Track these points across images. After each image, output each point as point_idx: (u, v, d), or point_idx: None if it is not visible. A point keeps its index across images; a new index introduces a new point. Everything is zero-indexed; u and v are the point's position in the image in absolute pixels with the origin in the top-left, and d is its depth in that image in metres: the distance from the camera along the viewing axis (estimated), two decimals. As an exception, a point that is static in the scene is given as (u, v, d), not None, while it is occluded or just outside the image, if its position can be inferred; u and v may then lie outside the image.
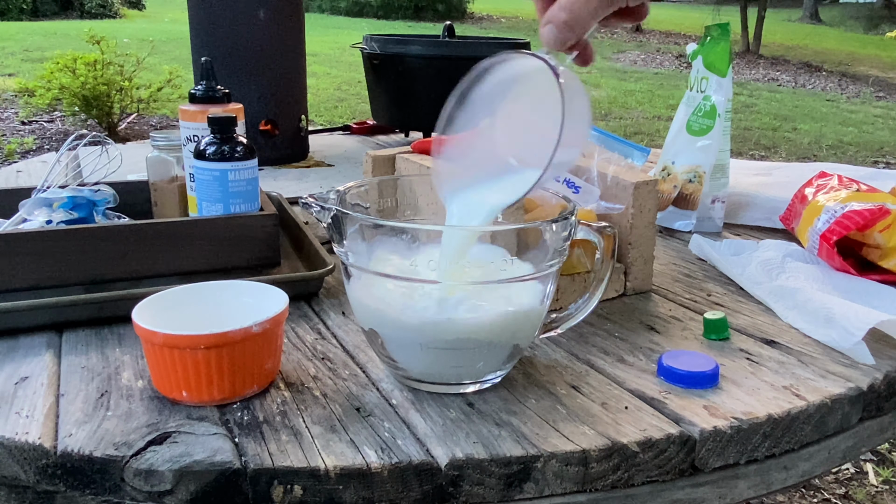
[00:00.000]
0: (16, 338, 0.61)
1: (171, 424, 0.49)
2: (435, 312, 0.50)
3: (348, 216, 0.51)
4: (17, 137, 4.68)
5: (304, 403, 0.52)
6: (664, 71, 9.38)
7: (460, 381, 0.54)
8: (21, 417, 0.49)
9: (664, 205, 0.97)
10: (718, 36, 0.95)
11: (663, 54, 10.80)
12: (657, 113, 6.53)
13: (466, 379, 0.53)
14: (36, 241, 0.70)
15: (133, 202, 0.89)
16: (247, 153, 0.77)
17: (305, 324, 0.66)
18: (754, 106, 7.15)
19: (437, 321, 0.50)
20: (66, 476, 0.46)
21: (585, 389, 0.55)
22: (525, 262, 0.53)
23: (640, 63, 10.05)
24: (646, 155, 0.72)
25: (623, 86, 7.92)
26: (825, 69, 10.07)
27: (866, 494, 1.76)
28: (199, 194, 0.78)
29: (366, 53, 1.49)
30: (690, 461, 0.50)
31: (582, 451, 0.47)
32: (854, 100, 8.02)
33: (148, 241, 0.73)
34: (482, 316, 0.50)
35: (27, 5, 11.88)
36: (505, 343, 0.52)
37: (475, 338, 0.51)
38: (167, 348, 0.50)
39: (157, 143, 0.88)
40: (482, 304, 0.51)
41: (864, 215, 0.77)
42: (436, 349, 0.51)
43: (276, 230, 0.78)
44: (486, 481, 0.46)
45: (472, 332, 0.50)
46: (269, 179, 1.21)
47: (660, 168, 1.01)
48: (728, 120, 0.96)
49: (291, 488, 0.45)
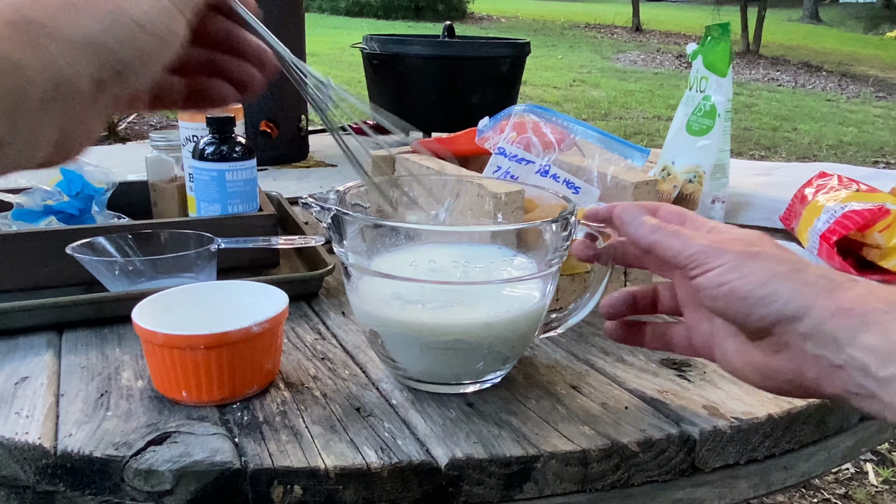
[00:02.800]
0: (16, 338, 0.61)
1: (171, 424, 0.49)
2: (435, 313, 0.50)
3: (348, 216, 0.51)
4: (17, 137, 4.68)
5: (304, 403, 0.52)
6: (664, 71, 9.38)
7: (460, 381, 0.54)
8: (21, 417, 0.49)
9: (664, 205, 0.97)
10: (719, 36, 0.95)
11: (663, 54, 10.80)
12: (657, 113, 6.53)
13: (466, 379, 0.53)
14: (36, 241, 0.70)
15: (132, 202, 0.89)
16: (245, 153, 0.77)
17: (305, 324, 0.66)
18: (754, 106, 7.15)
19: (436, 321, 0.50)
20: (66, 476, 0.46)
21: (585, 389, 0.55)
22: (525, 262, 0.53)
23: (640, 63, 10.05)
24: (645, 156, 0.72)
25: (623, 86, 7.92)
26: (825, 69, 10.07)
27: (866, 494, 1.76)
28: (198, 194, 0.78)
29: (366, 53, 1.49)
30: (690, 461, 0.50)
31: (582, 451, 0.47)
32: (854, 100, 8.02)
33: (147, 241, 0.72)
34: (482, 316, 0.50)
35: (27, 5, 11.86)
36: (505, 343, 0.52)
37: (475, 338, 0.51)
38: (167, 348, 0.50)
39: (157, 143, 0.88)
40: (482, 304, 0.51)
41: (864, 215, 0.77)
42: (435, 349, 0.51)
43: (274, 230, 0.78)
44: (486, 481, 0.46)
45: (471, 333, 0.50)
46: (269, 179, 1.21)
47: (660, 168, 1.01)
48: (728, 120, 0.96)
49: (291, 488, 0.45)
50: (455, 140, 0.86)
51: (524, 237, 0.53)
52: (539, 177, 0.71)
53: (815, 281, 0.42)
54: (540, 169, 0.72)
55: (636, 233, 0.48)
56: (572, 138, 0.74)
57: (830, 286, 0.41)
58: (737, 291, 0.43)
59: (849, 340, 0.39)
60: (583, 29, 14.12)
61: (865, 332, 0.39)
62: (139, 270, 0.67)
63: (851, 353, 0.39)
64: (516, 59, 1.52)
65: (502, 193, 0.61)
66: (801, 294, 0.41)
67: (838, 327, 0.40)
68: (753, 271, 0.43)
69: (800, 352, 0.42)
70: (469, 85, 1.48)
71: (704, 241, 0.45)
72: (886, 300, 0.40)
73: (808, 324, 0.41)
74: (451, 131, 0.93)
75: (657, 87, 7.96)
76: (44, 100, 0.31)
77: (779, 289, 0.42)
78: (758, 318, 0.43)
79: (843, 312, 0.40)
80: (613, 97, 7.23)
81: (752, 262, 0.43)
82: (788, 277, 0.42)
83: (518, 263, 0.53)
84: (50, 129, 0.32)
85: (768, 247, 0.44)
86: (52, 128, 0.32)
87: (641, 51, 11.14)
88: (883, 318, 0.39)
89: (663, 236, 0.47)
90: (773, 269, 0.42)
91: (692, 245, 0.45)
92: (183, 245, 0.70)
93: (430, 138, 0.88)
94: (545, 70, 8.60)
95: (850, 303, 0.40)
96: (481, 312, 0.50)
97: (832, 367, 0.40)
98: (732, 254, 0.43)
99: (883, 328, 0.39)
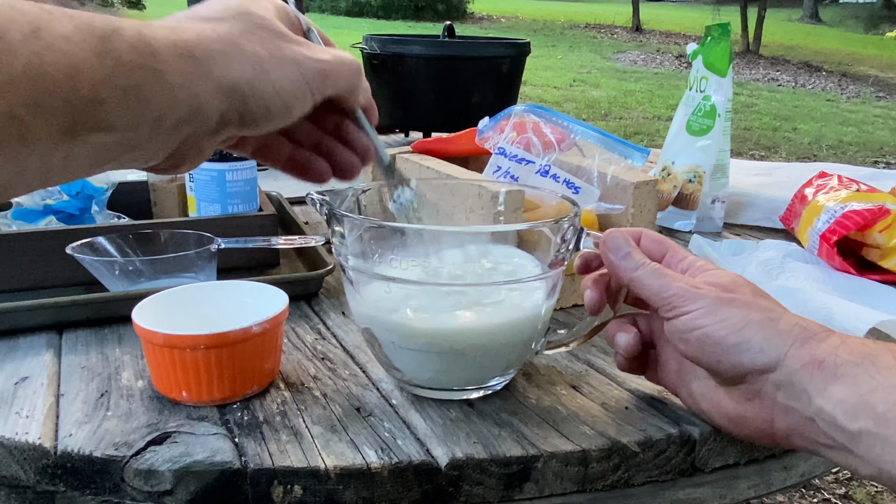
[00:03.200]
0: (16, 338, 0.61)
1: (171, 424, 0.49)
2: (435, 316, 0.50)
3: (348, 217, 0.50)
4: (17, 137, 4.67)
5: (304, 403, 0.52)
6: (664, 71, 9.38)
7: (463, 388, 0.53)
8: (21, 417, 0.49)
9: (664, 205, 0.97)
10: (719, 36, 0.95)
11: (663, 54, 10.80)
12: (657, 113, 6.53)
13: (469, 385, 0.53)
14: (36, 241, 0.70)
15: (132, 202, 0.89)
16: (246, 153, 0.77)
17: (305, 324, 0.66)
18: (754, 106, 7.15)
19: (439, 326, 0.50)
20: (66, 476, 0.46)
21: (585, 389, 0.55)
22: (528, 265, 0.52)
23: (640, 63, 10.05)
24: (645, 156, 0.72)
25: (623, 86, 7.93)
26: (825, 69, 10.07)
27: (866, 494, 1.76)
28: (198, 194, 0.78)
29: (366, 53, 1.49)
30: (690, 461, 0.50)
31: (582, 451, 0.47)
32: (854, 100, 8.03)
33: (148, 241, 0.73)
34: (485, 320, 0.50)
35: (27, 5, 11.87)
36: (509, 348, 0.52)
37: (478, 343, 0.50)
38: (167, 348, 0.50)
39: (157, 143, 0.88)
40: (484, 308, 0.50)
41: (864, 215, 0.77)
42: (438, 353, 0.50)
43: (274, 230, 0.78)
44: (486, 481, 0.46)
45: (474, 337, 0.50)
46: (269, 179, 1.21)
47: (660, 168, 1.01)
48: (728, 120, 0.96)
49: (291, 488, 0.45)
50: (455, 140, 0.86)
51: (527, 239, 0.53)
52: (539, 177, 0.71)
53: (788, 330, 0.42)
54: (540, 169, 0.72)
55: (618, 265, 0.48)
56: (572, 138, 0.74)
57: (804, 336, 0.41)
58: (710, 337, 0.43)
59: (819, 392, 0.39)
60: (583, 29, 14.13)
61: (835, 384, 0.39)
62: (139, 270, 0.67)
63: (821, 404, 0.39)
64: (516, 59, 1.52)
65: (502, 193, 0.61)
66: (774, 344, 0.41)
67: (810, 379, 0.40)
68: (727, 317, 0.42)
69: (771, 401, 0.42)
70: (469, 85, 1.48)
71: (681, 283, 0.45)
72: (859, 352, 0.40)
73: (780, 374, 0.41)
74: (451, 131, 0.93)
75: (657, 87, 7.96)
76: (179, 120, 0.36)
77: (752, 337, 0.42)
78: (730, 366, 0.43)
79: (814, 364, 0.40)
80: (613, 97, 7.23)
81: (727, 308, 0.43)
82: (763, 325, 0.42)
83: (521, 266, 0.52)
84: (173, 144, 0.38)
85: (745, 292, 0.44)
86: (175, 144, 0.38)
87: (641, 51, 11.14)
88: (854, 370, 0.39)
89: (644, 274, 0.47)
90: (747, 317, 0.42)
91: (670, 287, 0.45)
92: (183, 245, 0.70)
93: (430, 138, 0.88)
94: (545, 70, 8.60)
95: (822, 354, 0.40)
96: (484, 317, 0.50)
97: (803, 419, 0.40)
98: (708, 299, 0.43)
99: (853, 381, 0.39)
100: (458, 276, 0.50)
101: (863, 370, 0.39)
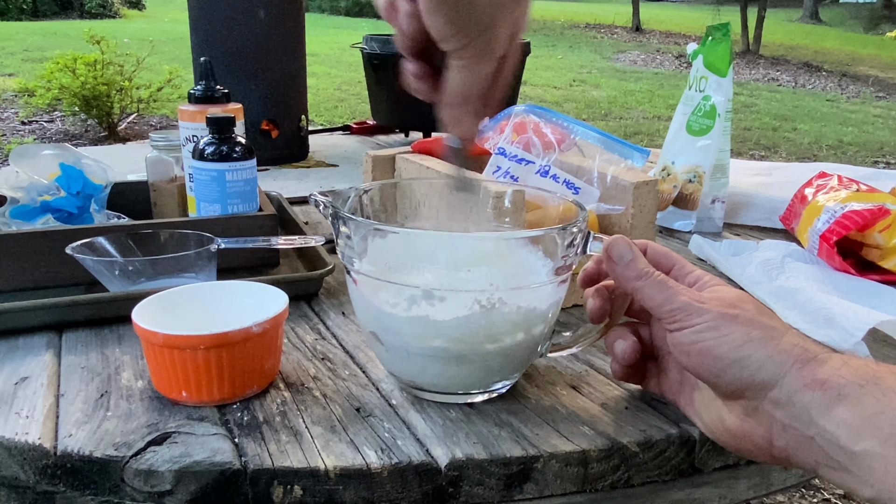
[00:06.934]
0: (16, 338, 0.61)
1: (171, 425, 0.49)
2: (444, 321, 0.49)
3: (351, 219, 0.50)
4: (16, 137, 4.68)
5: (304, 404, 0.52)
6: (664, 71, 9.38)
7: (468, 391, 0.52)
8: (21, 418, 0.49)
9: (664, 205, 0.97)
10: (719, 36, 0.95)
11: (663, 54, 10.80)
12: (657, 113, 6.53)
13: (473, 389, 0.52)
14: (36, 241, 0.70)
15: (132, 202, 0.89)
16: (245, 153, 0.77)
17: (305, 324, 0.66)
18: (754, 106, 7.15)
19: (445, 330, 0.49)
20: (66, 476, 0.46)
21: (585, 389, 0.55)
22: (538, 270, 0.51)
23: (640, 63, 10.05)
24: (645, 156, 0.72)
25: (623, 86, 7.92)
26: (825, 69, 10.07)
27: (866, 494, 1.76)
28: (198, 194, 0.78)
29: (366, 53, 1.49)
30: (690, 461, 0.50)
31: (582, 451, 0.47)
32: (854, 100, 8.02)
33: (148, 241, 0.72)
34: (492, 325, 0.49)
35: (27, 5, 11.87)
36: (515, 352, 0.51)
37: (485, 347, 0.50)
38: (167, 348, 0.50)
39: (157, 143, 0.88)
40: (492, 312, 0.49)
41: (864, 215, 0.77)
42: (444, 358, 0.50)
43: (274, 230, 0.78)
44: (486, 482, 0.46)
45: (481, 342, 0.49)
46: (269, 179, 1.21)
47: (660, 168, 1.01)
48: (728, 120, 0.96)
49: (291, 488, 0.45)
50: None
51: (534, 243, 0.52)
52: (539, 177, 0.71)
53: (790, 349, 0.42)
54: (540, 169, 0.71)
55: (622, 273, 0.48)
56: (572, 139, 0.74)
57: (806, 356, 0.41)
58: (711, 351, 0.43)
59: (821, 413, 0.39)
60: (583, 29, 14.12)
61: (839, 405, 0.39)
62: (139, 270, 0.67)
63: (823, 425, 0.39)
64: (516, 59, 1.52)
65: (502, 194, 0.61)
66: (775, 362, 0.41)
67: (812, 399, 0.40)
68: (729, 333, 0.43)
69: (769, 418, 0.42)
70: (469, 85, 1.47)
71: (686, 296, 0.45)
72: (862, 374, 0.40)
73: (780, 392, 0.41)
74: (451, 131, 0.93)
75: (657, 87, 7.96)
76: None
77: (753, 354, 0.42)
78: (730, 381, 0.43)
79: (817, 384, 0.40)
80: (613, 97, 7.23)
81: (730, 324, 0.43)
82: (764, 343, 0.42)
83: (529, 271, 0.51)
84: None
85: (749, 309, 0.44)
86: None
87: (641, 51, 11.14)
88: (858, 391, 0.39)
89: (648, 284, 0.46)
90: (749, 334, 0.42)
91: (674, 300, 0.45)
92: (183, 245, 0.70)
93: (430, 138, 0.88)
94: (545, 70, 8.59)
95: (825, 375, 0.40)
96: (490, 320, 0.49)
97: (802, 438, 0.40)
98: (711, 314, 0.43)
99: (858, 402, 0.39)
100: (465, 280, 0.49)
101: (867, 392, 0.39)
